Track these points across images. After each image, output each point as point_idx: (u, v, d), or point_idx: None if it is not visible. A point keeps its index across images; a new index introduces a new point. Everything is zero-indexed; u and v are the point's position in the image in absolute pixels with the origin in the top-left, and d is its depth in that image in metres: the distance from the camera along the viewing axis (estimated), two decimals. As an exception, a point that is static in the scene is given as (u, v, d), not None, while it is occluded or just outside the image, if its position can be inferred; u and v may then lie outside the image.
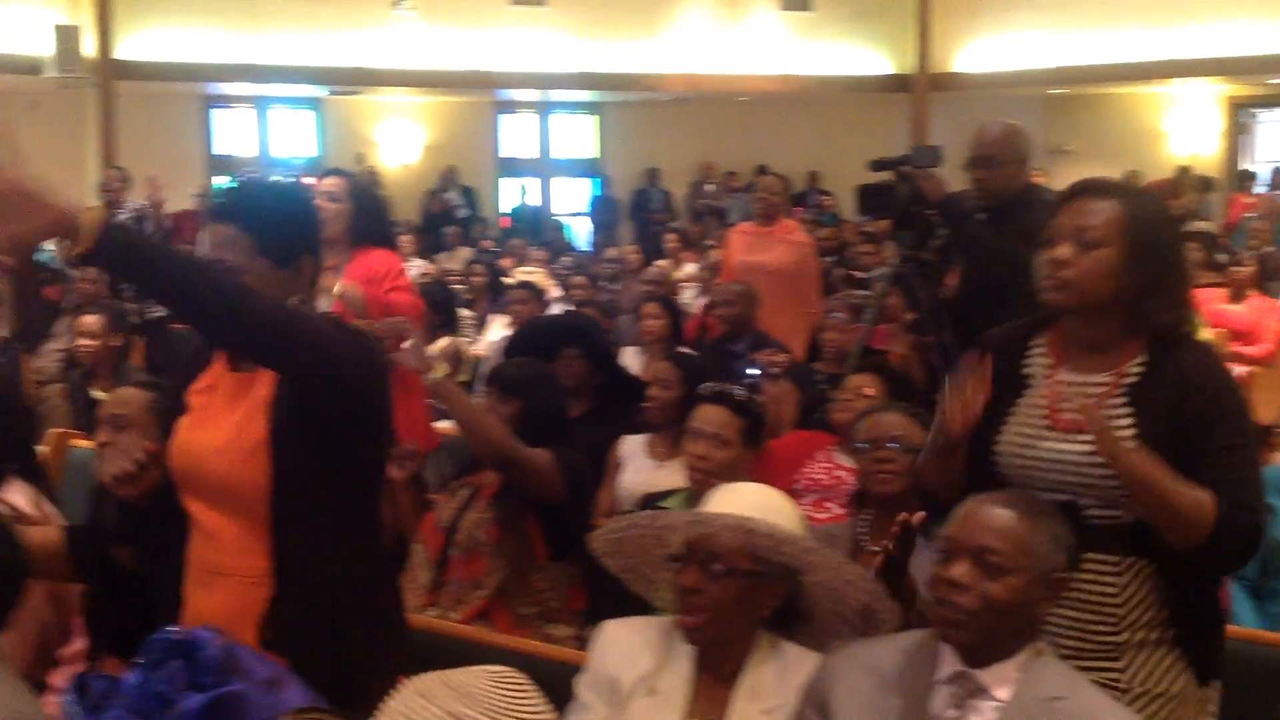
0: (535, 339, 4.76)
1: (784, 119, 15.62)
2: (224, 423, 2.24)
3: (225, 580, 2.21)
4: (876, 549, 2.53)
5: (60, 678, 2.67)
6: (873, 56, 15.66)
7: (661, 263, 9.20)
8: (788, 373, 4.94)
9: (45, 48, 12.53)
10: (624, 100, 15.99)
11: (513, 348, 4.81)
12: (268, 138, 15.44)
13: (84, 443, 4.52)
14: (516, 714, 1.69)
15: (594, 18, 14.60)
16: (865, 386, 3.78)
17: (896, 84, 15.57)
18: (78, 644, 2.89)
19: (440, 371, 3.06)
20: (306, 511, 2.20)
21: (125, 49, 13.02)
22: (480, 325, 7.59)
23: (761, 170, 14.38)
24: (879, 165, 4.84)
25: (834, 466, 3.81)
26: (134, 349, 6.01)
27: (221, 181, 12.04)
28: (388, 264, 4.05)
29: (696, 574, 2.22)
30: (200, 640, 1.60)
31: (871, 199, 5.00)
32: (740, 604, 2.24)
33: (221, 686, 1.56)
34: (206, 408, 2.30)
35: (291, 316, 2.12)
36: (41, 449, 3.73)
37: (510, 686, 1.73)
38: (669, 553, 2.32)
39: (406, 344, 3.01)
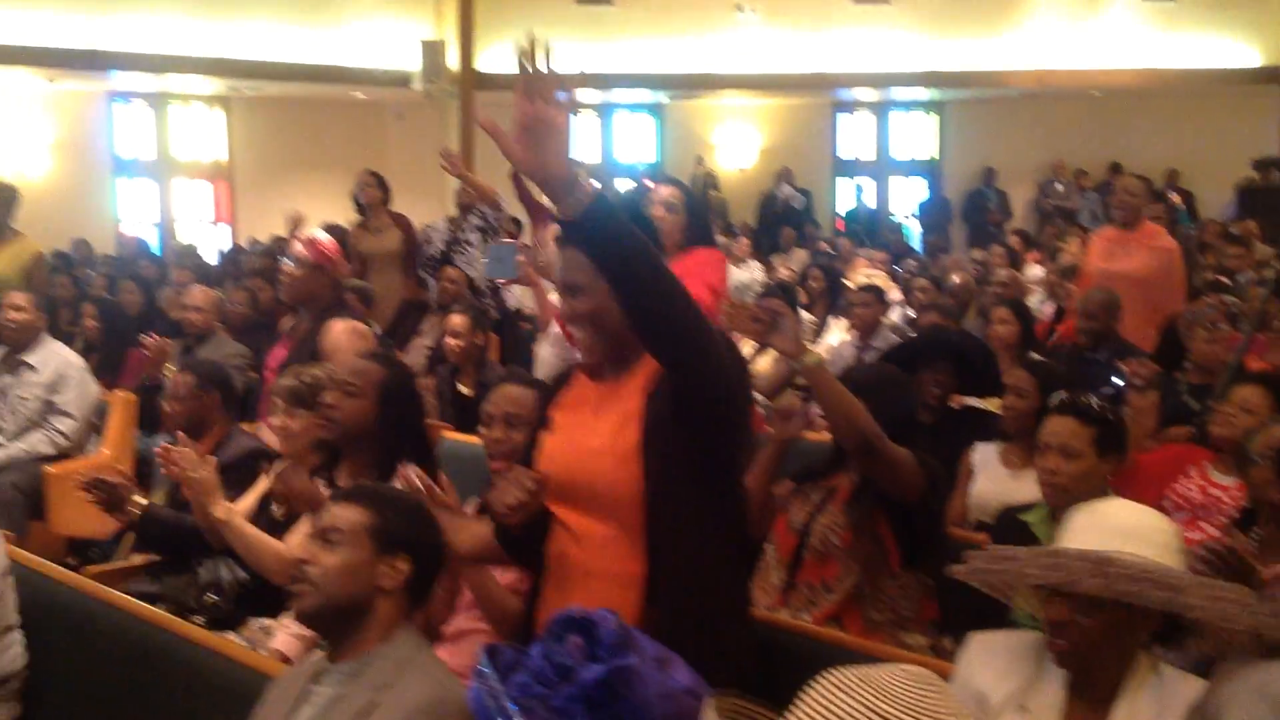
0: (923, 349, 4.76)
1: (1140, 114, 14.83)
2: (596, 432, 2.33)
3: (595, 581, 2.29)
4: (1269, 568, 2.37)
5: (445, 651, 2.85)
6: (1239, 47, 14.64)
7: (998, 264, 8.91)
8: (1152, 384, 4.71)
9: (413, 62, 13.45)
10: (967, 97, 15.62)
11: (896, 354, 4.79)
12: (611, 143, 15.97)
13: (453, 435, 4.84)
14: (934, 714, 1.68)
15: (938, 14, 14.34)
16: (1252, 400, 3.56)
17: (1266, 76, 14.48)
18: (460, 619, 3.07)
19: (814, 357, 3.06)
20: (678, 516, 2.25)
21: (485, 61, 13.78)
22: (820, 328, 7.58)
23: (1115, 169, 13.69)
24: (1265, 164, 4.52)
25: (1209, 484, 3.61)
26: (491, 347, 6.35)
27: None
28: (708, 259, 4.08)
29: (1062, 607, 2.15)
30: (598, 618, 1.69)
31: (1257, 200, 4.68)
32: (1113, 633, 2.14)
33: (617, 660, 1.63)
34: (575, 420, 2.39)
35: (696, 309, 2.17)
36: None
37: (928, 686, 1.72)
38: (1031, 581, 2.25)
39: (781, 324, 3.02)
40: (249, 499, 3.77)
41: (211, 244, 13.51)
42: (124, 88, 13.99)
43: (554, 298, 4.97)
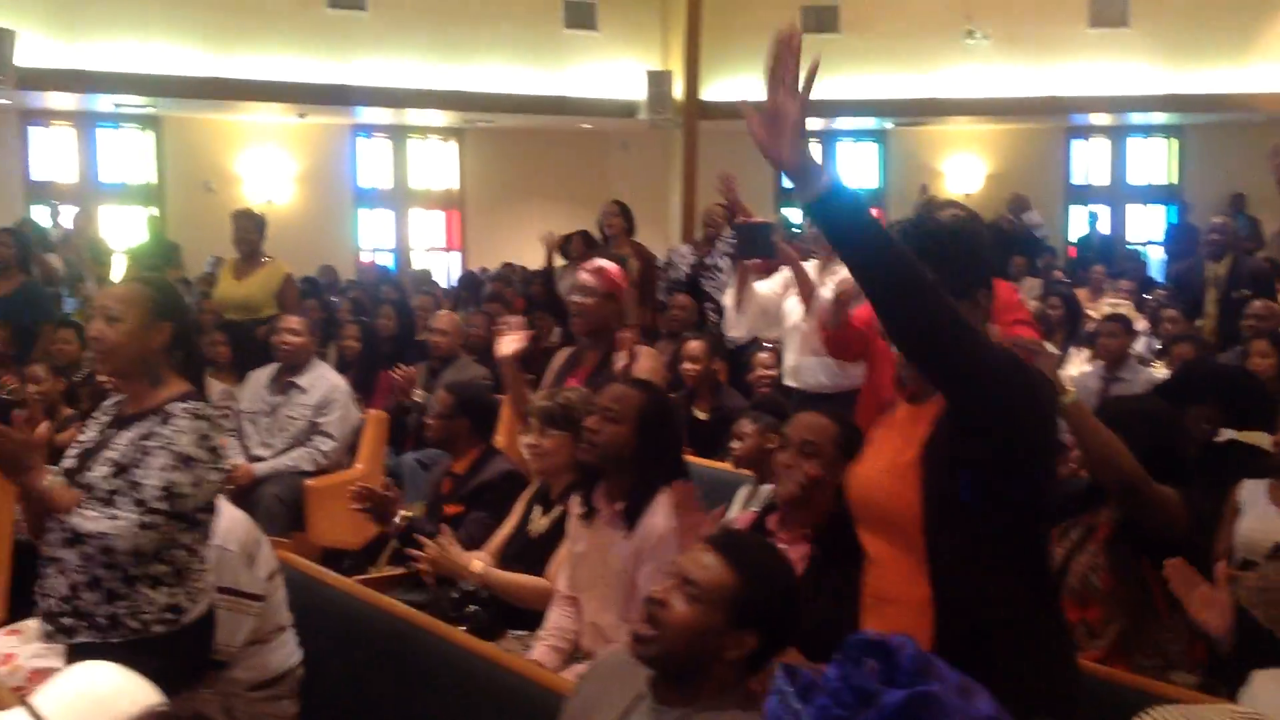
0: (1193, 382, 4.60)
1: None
2: (884, 452, 2.32)
3: (892, 608, 2.26)
4: None
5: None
6: None
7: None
8: None
9: (638, 93, 13.71)
10: (1209, 122, 14.96)
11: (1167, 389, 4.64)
12: (833, 170, 15.86)
13: (691, 459, 4.88)
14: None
15: (1180, 38, 13.80)
16: None
17: None
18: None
19: (1071, 395, 2.98)
20: (961, 541, 2.20)
21: (711, 92, 13.93)
22: (1061, 359, 7.36)
23: (1373, 195, 12.87)
24: None
25: None
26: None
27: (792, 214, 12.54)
28: (1007, 295, 4.00)
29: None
30: (895, 643, 1.67)
31: None
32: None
33: (919, 686, 1.61)
34: (882, 440, 2.38)
35: (960, 322, 2.13)
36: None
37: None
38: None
39: (1040, 362, 2.95)
40: (509, 524, 3.92)
41: (442, 270, 14.02)
42: (366, 122, 14.70)
43: (817, 280, 4.99)
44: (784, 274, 5.19)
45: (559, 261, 8.50)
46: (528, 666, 3.04)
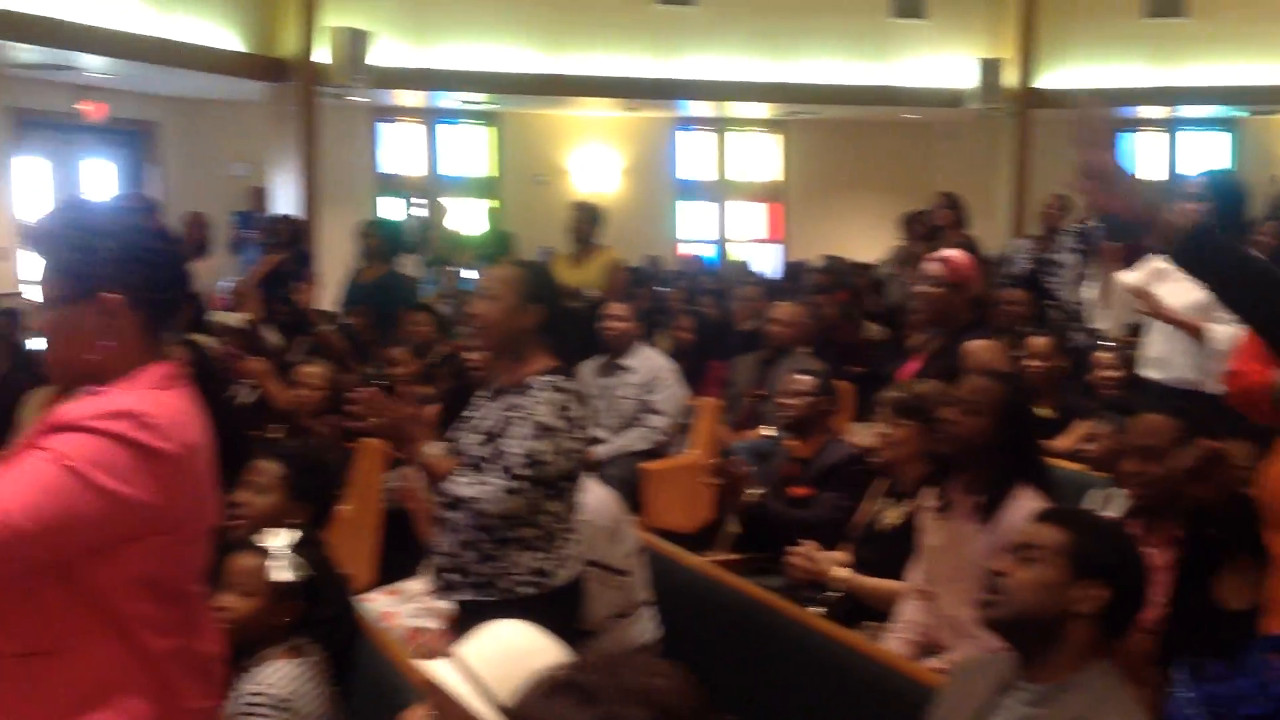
0: None
1: None
2: None
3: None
4: None
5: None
6: None
7: None
8: None
9: (965, 81, 13.36)
10: None
11: None
12: (1174, 160, 15.06)
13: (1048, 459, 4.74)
14: None
15: None
16: None
17: None
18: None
19: None
20: None
21: (1046, 80, 13.44)
22: None
23: None
24: None
25: None
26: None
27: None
28: None
29: None
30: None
31: None
32: None
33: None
34: None
35: None
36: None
37: None
38: None
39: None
40: (861, 515, 3.92)
41: (761, 262, 14.11)
42: (689, 115, 14.96)
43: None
44: (1151, 263, 4.97)
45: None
46: (888, 654, 3.03)
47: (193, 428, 2.18)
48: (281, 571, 2.80)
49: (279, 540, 2.86)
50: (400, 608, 3.80)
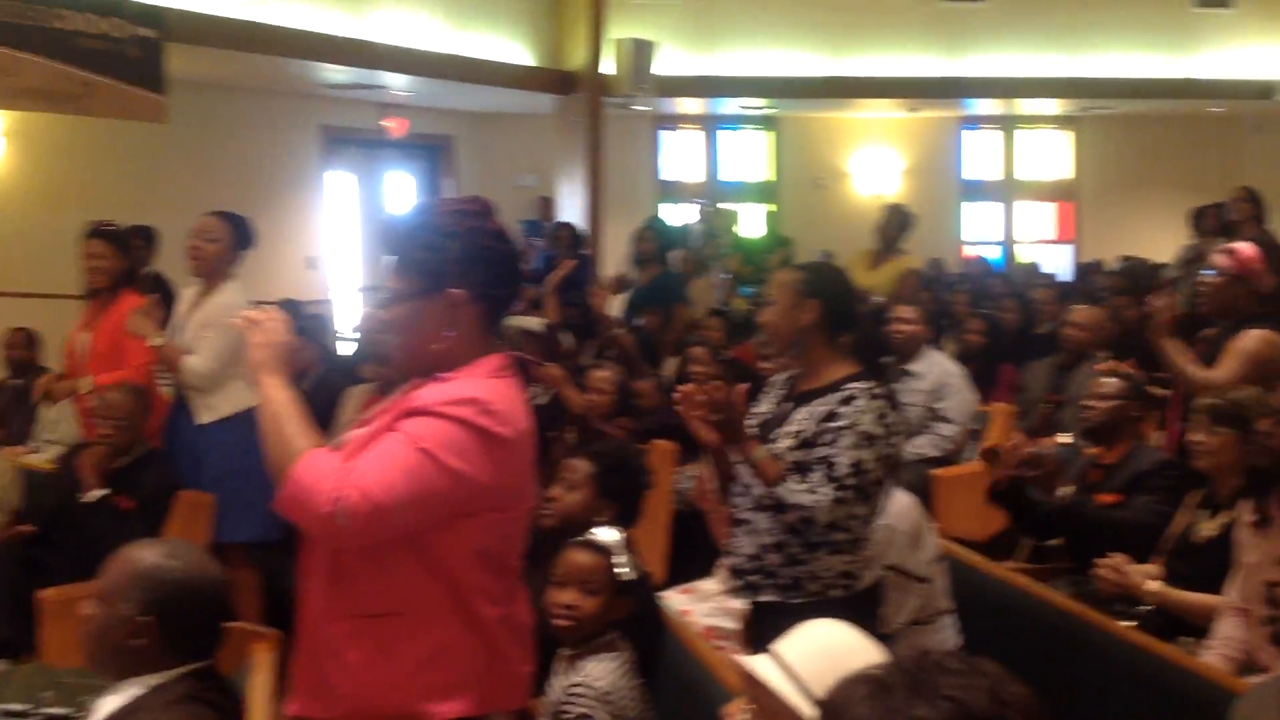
0: None
1: None
2: None
3: None
4: None
5: None
6: None
7: None
8: None
9: (1276, 72, 12.55)
10: None
11: None
12: None
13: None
14: None
15: None
16: None
17: None
18: None
19: None
20: None
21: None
22: None
23: None
24: None
25: None
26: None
27: None
28: None
29: None
30: None
31: None
32: None
33: None
34: None
35: None
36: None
37: None
38: None
39: None
40: (1175, 525, 3.74)
41: (1050, 263, 13.60)
42: (975, 114, 14.58)
43: None
44: None
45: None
46: (1210, 669, 2.87)
47: (523, 415, 2.37)
48: (623, 570, 2.89)
49: (611, 538, 2.95)
50: (695, 606, 3.84)
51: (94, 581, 2.28)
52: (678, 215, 13.18)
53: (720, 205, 12.50)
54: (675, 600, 3.91)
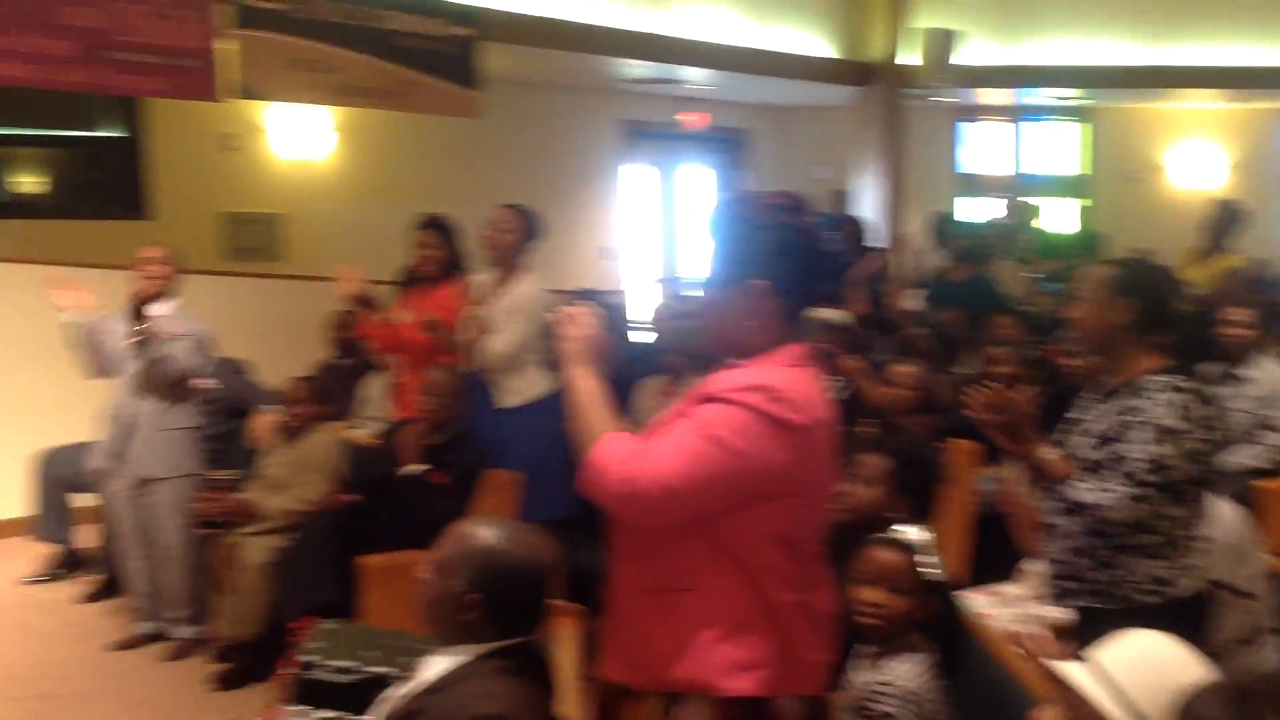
0: None
1: None
2: None
3: None
4: None
5: None
6: None
7: None
8: None
9: None
10: None
11: None
12: None
13: None
14: None
15: None
16: None
17: None
18: None
19: None
20: None
21: None
22: None
23: None
24: None
25: None
26: None
27: None
28: None
29: None
30: None
31: None
32: None
33: None
34: None
35: None
36: None
37: None
38: None
39: None
40: None
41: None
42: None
43: None
44: None
45: None
46: None
47: (819, 404, 2.41)
48: (931, 569, 2.86)
49: (918, 537, 2.92)
50: (999, 610, 3.73)
51: (425, 551, 2.40)
52: (975, 210, 12.83)
53: (1023, 200, 12.06)
54: (976, 603, 3.81)
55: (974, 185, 13.80)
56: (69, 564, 6.56)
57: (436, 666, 2.33)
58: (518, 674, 2.27)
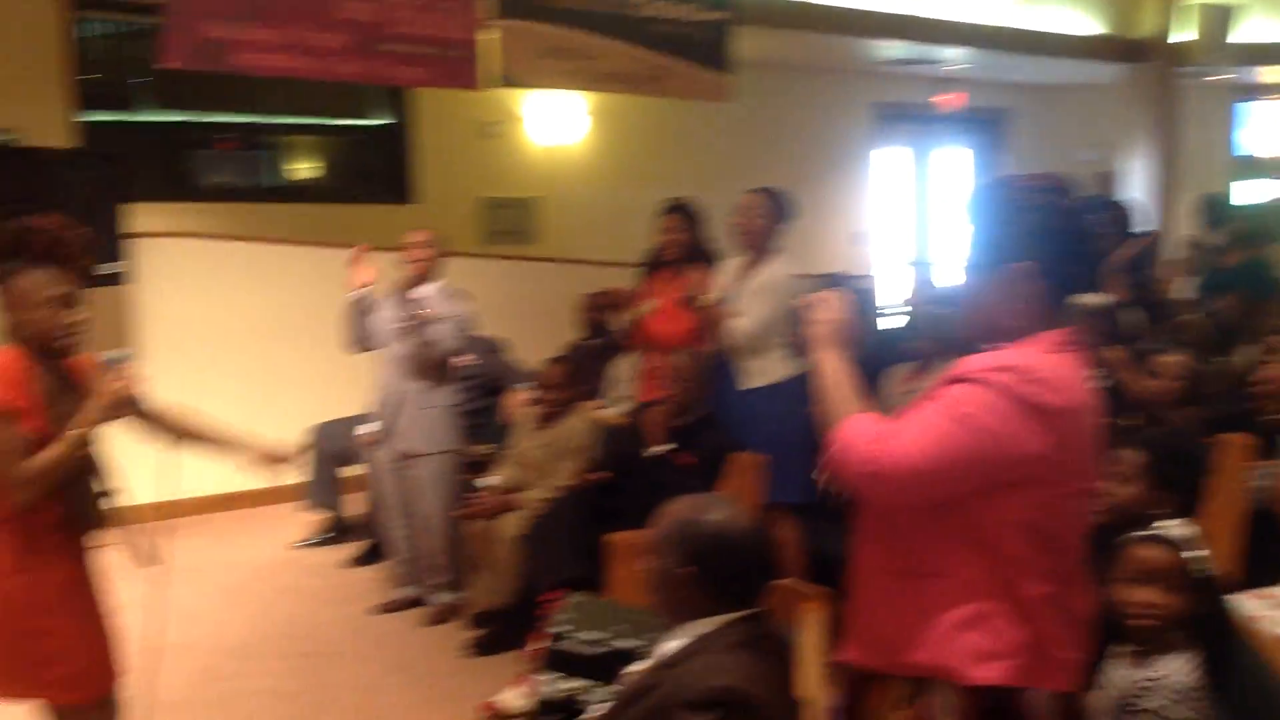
0: None
1: None
2: None
3: None
4: None
5: None
6: None
7: None
8: None
9: None
10: None
11: None
12: None
13: None
14: None
15: None
16: None
17: None
18: None
19: None
20: None
21: None
22: None
23: None
24: None
25: None
26: None
27: None
28: None
29: None
30: None
31: None
32: None
33: None
34: None
35: None
36: None
37: None
38: None
39: None
40: None
41: None
42: None
43: None
44: None
45: None
46: None
47: (1078, 389, 2.33)
48: (1199, 565, 2.74)
49: (1183, 532, 2.80)
50: (1271, 613, 3.51)
51: (648, 533, 2.45)
52: (1253, 193, 12.08)
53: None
54: (1248, 606, 3.59)
55: (1252, 167, 12.99)
56: (337, 530, 6.94)
57: (673, 642, 2.36)
58: (750, 648, 2.28)
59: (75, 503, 3.05)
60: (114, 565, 3.26)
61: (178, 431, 3.36)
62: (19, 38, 7.47)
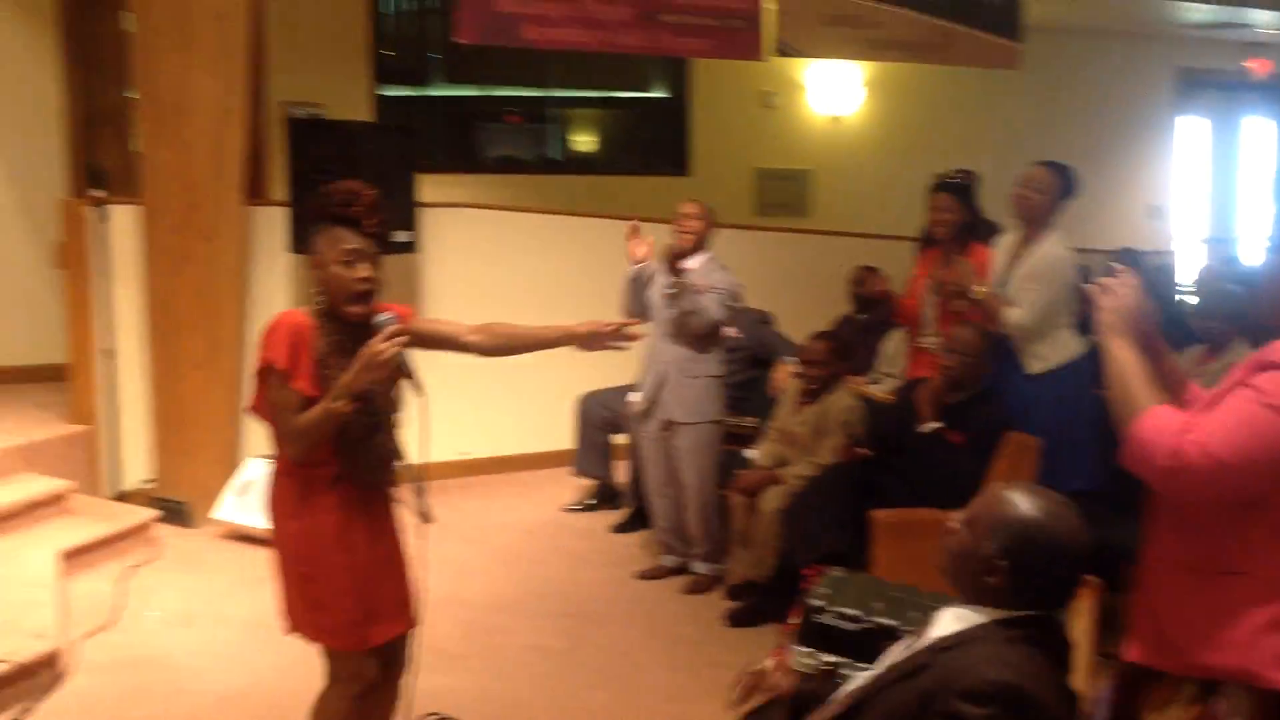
0: None
1: None
2: None
3: None
4: None
5: None
6: None
7: None
8: None
9: None
10: None
11: None
12: None
13: None
14: None
15: None
16: None
17: None
18: None
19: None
20: None
21: None
22: None
23: None
24: None
25: None
26: None
27: None
28: None
29: None
30: None
31: None
32: None
33: None
34: None
35: None
36: None
37: None
38: None
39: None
40: None
41: None
42: None
43: None
44: None
45: None
46: None
47: None
48: None
49: None
50: None
51: (938, 508, 2.35)
52: None
53: None
54: None
55: None
56: (603, 496, 7.07)
57: (947, 624, 2.26)
58: (1035, 645, 2.15)
59: (357, 459, 3.16)
60: (399, 522, 3.39)
61: (502, 344, 3.46)
62: (329, 17, 7.90)
